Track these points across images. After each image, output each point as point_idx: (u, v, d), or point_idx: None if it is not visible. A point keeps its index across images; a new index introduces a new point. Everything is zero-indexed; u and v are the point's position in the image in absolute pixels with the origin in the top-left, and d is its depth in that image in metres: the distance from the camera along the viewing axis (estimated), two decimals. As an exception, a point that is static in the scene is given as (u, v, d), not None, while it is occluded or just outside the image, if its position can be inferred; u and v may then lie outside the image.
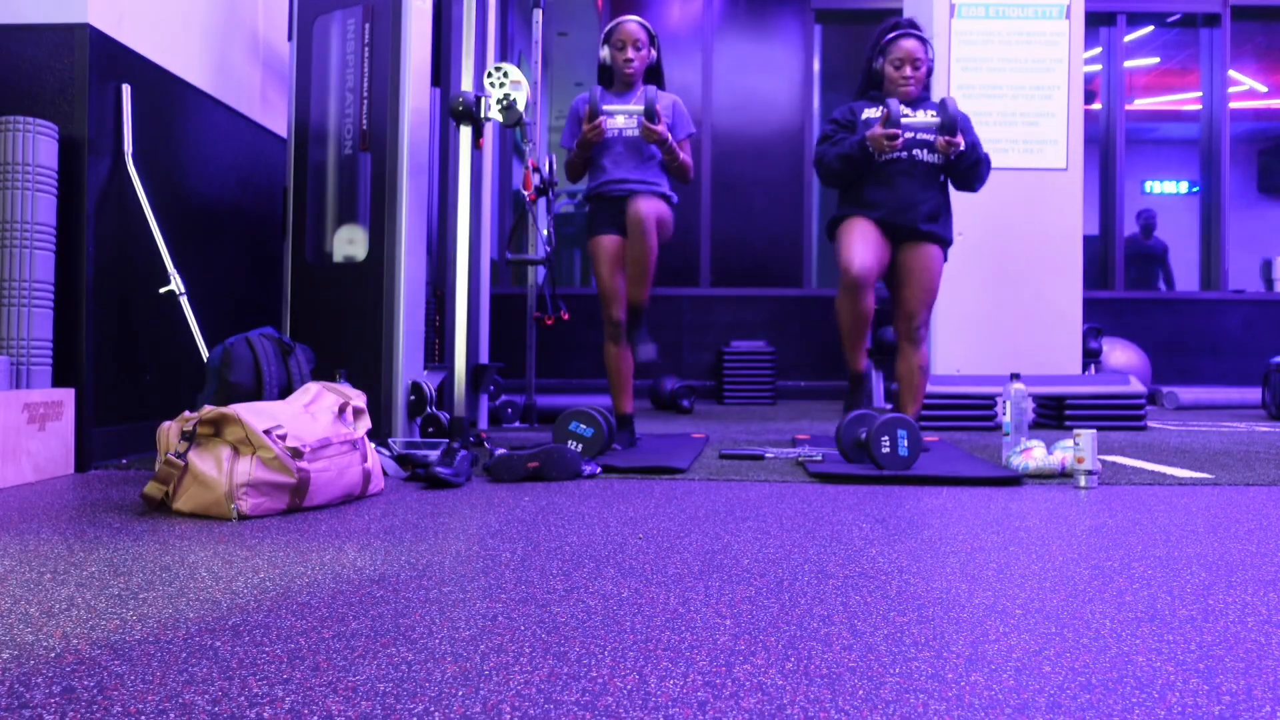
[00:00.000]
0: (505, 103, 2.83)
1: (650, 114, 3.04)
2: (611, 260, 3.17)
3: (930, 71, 3.25)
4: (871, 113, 3.26)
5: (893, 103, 3.09)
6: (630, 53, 3.17)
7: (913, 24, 3.26)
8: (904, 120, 3.17)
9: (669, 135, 3.09)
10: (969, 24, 5.08)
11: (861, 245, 3.11)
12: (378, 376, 3.13)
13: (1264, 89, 7.91)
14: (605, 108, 3.16)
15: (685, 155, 3.21)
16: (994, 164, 5.02)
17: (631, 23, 3.19)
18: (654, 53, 3.25)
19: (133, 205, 2.90)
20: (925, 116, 3.20)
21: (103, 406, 2.78)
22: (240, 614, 1.23)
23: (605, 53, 3.24)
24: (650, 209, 3.03)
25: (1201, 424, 4.81)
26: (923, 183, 3.18)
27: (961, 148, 3.09)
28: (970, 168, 3.18)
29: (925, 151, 3.17)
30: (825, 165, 3.24)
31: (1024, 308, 5.01)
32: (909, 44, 3.20)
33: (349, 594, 1.34)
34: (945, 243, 3.24)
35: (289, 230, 3.34)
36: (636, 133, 3.14)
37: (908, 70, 3.19)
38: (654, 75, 3.29)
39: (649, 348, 3.23)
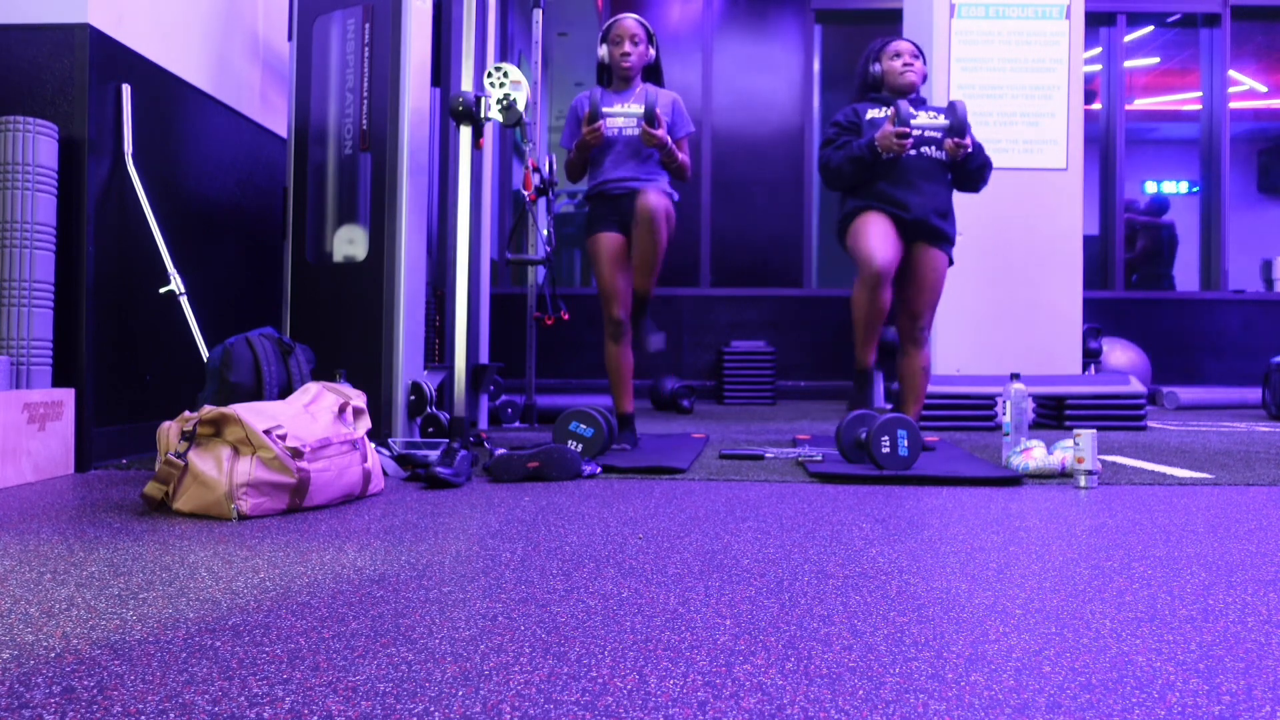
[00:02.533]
0: (505, 103, 2.83)
1: (650, 118, 3.03)
2: (612, 259, 3.16)
3: (925, 76, 3.34)
4: (876, 113, 3.28)
5: (902, 103, 3.11)
6: (628, 46, 3.18)
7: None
8: (912, 120, 3.20)
9: (669, 140, 3.10)
10: (969, 24, 5.08)
11: (880, 241, 3.13)
12: (378, 376, 3.13)
13: (1264, 89, 7.91)
14: (605, 110, 3.17)
15: (684, 155, 3.21)
16: (994, 164, 5.02)
17: (629, 19, 3.22)
18: (652, 51, 3.25)
19: (133, 205, 2.90)
20: (928, 118, 3.25)
21: (103, 406, 2.78)
22: (240, 614, 1.23)
23: (603, 50, 3.24)
24: (659, 202, 3.04)
25: (1201, 424, 4.81)
26: (934, 179, 3.23)
27: (970, 149, 3.14)
28: (979, 169, 3.25)
29: (934, 149, 3.22)
30: (833, 169, 3.25)
31: (1024, 308, 5.00)
32: (902, 42, 3.31)
33: (349, 594, 1.34)
34: (951, 243, 3.29)
35: (289, 230, 3.34)
36: (636, 132, 3.14)
37: (907, 58, 3.27)
38: (652, 74, 3.30)
39: (658, 337, 3.19)
